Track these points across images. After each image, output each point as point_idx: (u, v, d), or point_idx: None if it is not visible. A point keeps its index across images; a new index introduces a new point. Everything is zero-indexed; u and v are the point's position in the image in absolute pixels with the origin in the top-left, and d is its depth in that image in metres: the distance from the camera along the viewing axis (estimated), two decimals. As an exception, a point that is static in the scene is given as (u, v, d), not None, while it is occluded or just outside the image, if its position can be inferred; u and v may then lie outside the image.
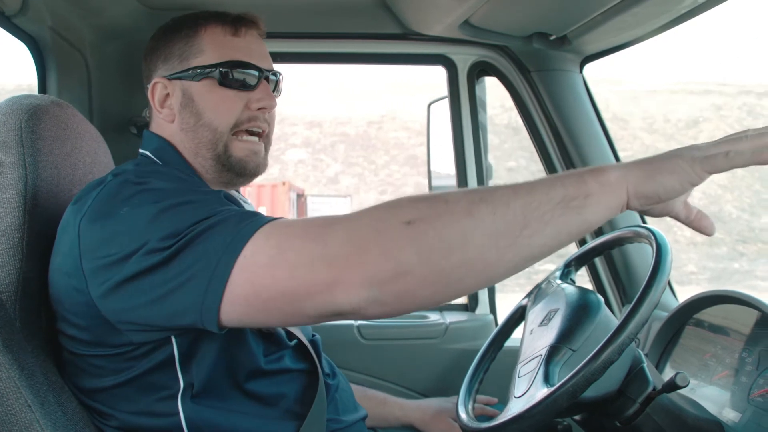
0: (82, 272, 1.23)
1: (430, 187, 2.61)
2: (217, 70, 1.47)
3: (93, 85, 2.11)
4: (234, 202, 1.37)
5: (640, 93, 32.47)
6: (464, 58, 2.33)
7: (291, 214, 16.11)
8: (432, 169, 2.61)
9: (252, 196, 15.88)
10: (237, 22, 1.52)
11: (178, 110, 1.49)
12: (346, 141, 29.16)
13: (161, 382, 1.32)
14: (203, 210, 1.18)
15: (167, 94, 1.50)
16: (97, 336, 1.28)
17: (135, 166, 1.42)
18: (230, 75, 1.48)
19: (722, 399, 1.68)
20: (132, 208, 1.21)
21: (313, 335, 1.66)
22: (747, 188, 26.83)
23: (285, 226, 1.12)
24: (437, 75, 2.40)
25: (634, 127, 29.78)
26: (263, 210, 15.78)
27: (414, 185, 24.58)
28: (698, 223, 1.19)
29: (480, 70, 2.35)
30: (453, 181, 2.44)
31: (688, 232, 23.44)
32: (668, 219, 1.21)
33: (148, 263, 1.15)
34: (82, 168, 1.53)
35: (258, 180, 1.71)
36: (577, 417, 1.46)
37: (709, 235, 1.20)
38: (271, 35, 1.87)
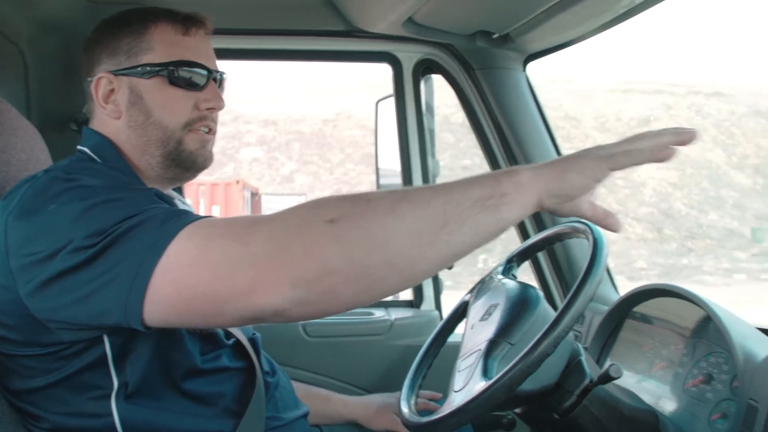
0: (10, 270, 1.21)
1: (378, 185, 2.61)
2: (168, 69, 1.45)
3: (31, 80, 2.06)
4: (167, 201, 1.36)
5: (593, 92, 32.87)
6: (409, 55, 2.33)
7: (245, 213, 16.01)
8: (381, 166, 2.61)
9: (205, 194, 15.75)
10: (187, 22, 1.50)
11: (126, 107, 1.47)
12: (301, 139, 29.07)
13: (94, 382, 1.31)
14: (130, 207, 1.17)
15: (112, 90, 1.47)
16: (26, 335, 1.26)
17: (68, 162, 1.40)
18: (181, 75, 1.46)
19: (660, 390, 1.72)
20: (59, 206, 1.20)
21: (254, 333, 1.66)
22: (696, 186, 27.29)
23: (209, 225, 1.13)
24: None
25: (586, 126, 30.13)
26: (216, 209, 15.67)
27: (369, 183, 24.57)
28: (605, 221, 1.24)
29: (425, 67, 2.36)
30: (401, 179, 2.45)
31: (639, 228, 23.82)
32: (619, 216, 1.26)
33: (73, 262, 1.14)
34: (16, 165, 1.50)
35: (212, 178, 1.70)
36: (517, 410, 1.48)
37: (616, 231, 1.25)
38: (214, 31, 1.86)
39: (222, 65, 1.58)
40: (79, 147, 1.49)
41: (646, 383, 1.77)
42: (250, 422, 1.44)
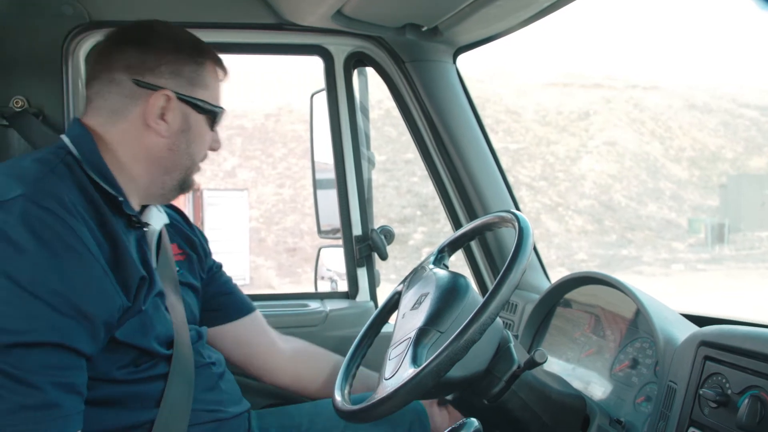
0: None
1: (314, 178, 2.62)
2: (216, 113, 1.56)
3: None
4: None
5: (533, 86, 33.15)
6: (340, 48, 2.33)
7: (187, 209, 15.79)
8: (317, 160, 2.62)
9: (146, 191, 15.49)
10: (224, 68, 1.59)
11: (175, 132, 1.50)
12: (243, 134, 28.75)
13: None
14: (23, 319, 1.20)
15: (164, 107, 1.48)
16: None
17: (37, 174, 1.35)
18: (218, 120, 1.58)
19: (589, 375, 1.76)
20: None
21: (201, 326, 1.70)
22: (635, 178, 27.74)
23: None
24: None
25: (527, 120, 30.37)
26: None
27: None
28: None
29: (357, 60, 2.36)
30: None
31: (579, 221, 24.16)
32: (560, 209, 1.27)
33: None
34: None
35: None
36: (448, 396, 1.50)
37: None
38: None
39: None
40: (69, 149, 1.44)
41: (577, 369, 1.81)
42: (172, 409, 1.47)
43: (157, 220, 1.58)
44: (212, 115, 1.55)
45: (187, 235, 1.80)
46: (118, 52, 1.49)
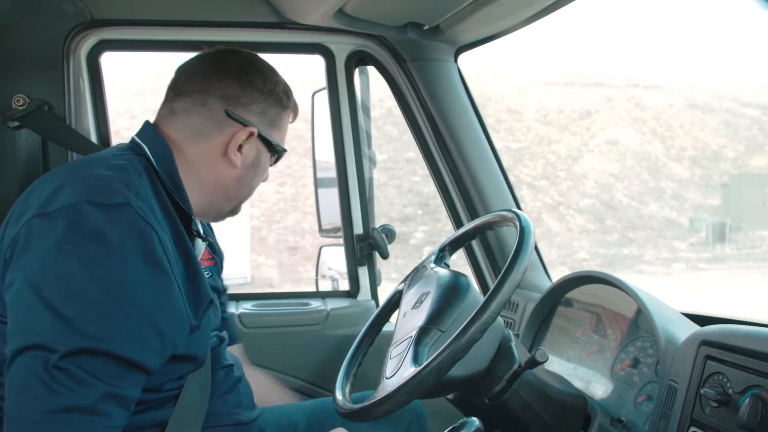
0: None
1: (315, 177, 2.62)
2: (281, 154, 1.61)
3: None
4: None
5: (534, 86, 33.09)
6: (342, 47, 2.33)
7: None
8: (318, 158, 2.62)
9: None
10: (297, 113, 1.65)
11: (247, 165, 1.54)
12: (244, 133, 28.72)
13: None
14: (100, 323, 1.20)
15: (244, 141, 1.52)
16: None
17: (116, 173, 1.35)
18: (280, 158, 1.63)
19: (590, 375, 1.76)
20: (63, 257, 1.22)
21: (222, 330, 1.71)
22: (636, 177, 27.68)
23: None
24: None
25: (528, 119, 30.32)
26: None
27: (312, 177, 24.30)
28: None
29: (358, 59, 2.36)
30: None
31: (581, 220, 24.15)
32: (561, 208, 1.26)
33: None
34: None
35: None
36: (449, 396, 1.50)
37: None
38: (142, 22, 1.84)
39: (159, 57, 1.60)
40: (148, 156, 1.45)
41: (578, 368, 1.81)
42: (187, 410, 1.46)
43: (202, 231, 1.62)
44: (278, 154, 1.61)
45: (211, 242, 1.83)
46: (216, 79, 1.53)
